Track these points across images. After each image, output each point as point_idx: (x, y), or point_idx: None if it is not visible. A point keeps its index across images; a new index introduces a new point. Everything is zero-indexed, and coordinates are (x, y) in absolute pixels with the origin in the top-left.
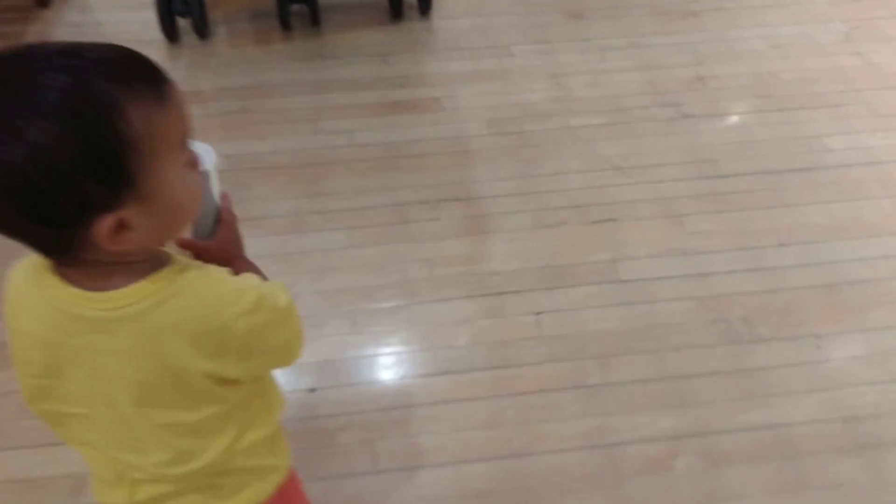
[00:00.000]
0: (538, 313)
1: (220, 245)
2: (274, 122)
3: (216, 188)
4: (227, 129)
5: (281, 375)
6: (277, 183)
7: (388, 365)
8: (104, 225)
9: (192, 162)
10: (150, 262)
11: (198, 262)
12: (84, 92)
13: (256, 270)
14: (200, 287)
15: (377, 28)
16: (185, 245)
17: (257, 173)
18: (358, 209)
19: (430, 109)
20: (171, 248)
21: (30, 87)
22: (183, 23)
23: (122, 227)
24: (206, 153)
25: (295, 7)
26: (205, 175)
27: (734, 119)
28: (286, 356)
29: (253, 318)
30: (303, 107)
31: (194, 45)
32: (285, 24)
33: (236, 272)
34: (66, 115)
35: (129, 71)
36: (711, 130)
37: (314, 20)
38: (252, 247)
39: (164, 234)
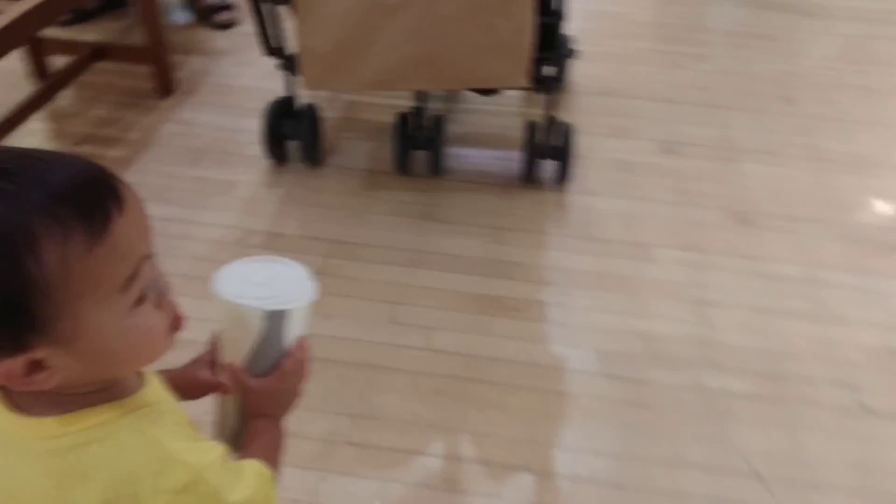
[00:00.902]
0: None
1: (261, 391)
2: (350, 295)
3: (295, 329)
4: None
5: None
6: (324, 384)
7: None
8: (10, 366)
9: (144, 300)
10: (93, 394)
11: (151, 411)
12: (4, 225)
13: (270, 449)
14: (129, 441)
15: (502, 191)
16: (229, 370)
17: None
18: (402, 452)
19: (532, 318)
20: (148, 373)
21: None
22: (295, 143)
23: (35, 367)
24: (300, 284)
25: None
26: (274, 316)
27: None
28: None
29: (175, 501)
30: (388, 281)
31: (300, 171)
32: (402, 169)
33: (250, 437)
34: None
35: (67, 201)
36: None
37: (434, 170)
38: None
39: (101, 372)
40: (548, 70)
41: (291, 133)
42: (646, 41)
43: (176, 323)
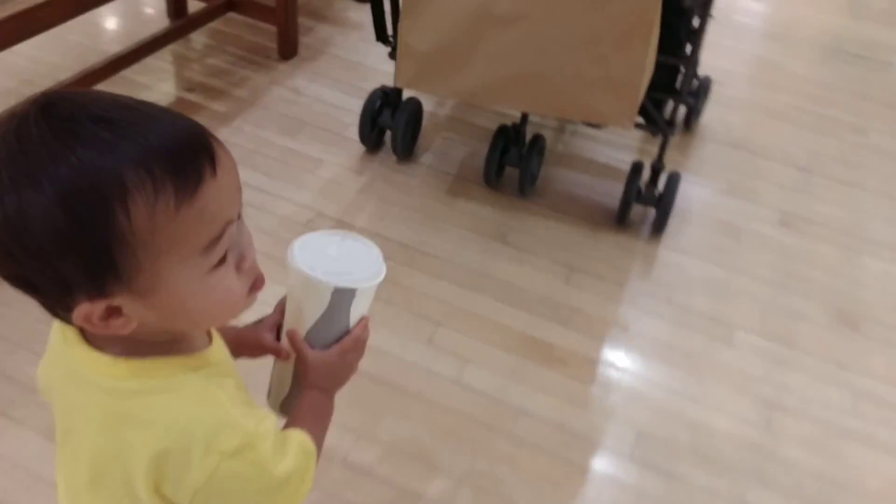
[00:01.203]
0: None
1: (319, 363)
2: (396, 303)
3: (360, 308)
4: None
5: None
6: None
7: None
8: (90, 310)
9: (225, 261)
10: (165, 344)
11: (215, 371)
12: (94, 171)
13: (318, 423)
14: (192, 398)
15: (589, 228)
16: (291, 337)
17: None
18: (395, 488)
19: (578, 376)
20: (221, 331)
21: (41, 154)
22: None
23: (113, 313)
24: (372, 264)
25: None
26: (343, 293)
27: None
28: None
29: (224, 463)
30: (439, 298)
31: (386, 161)
32: (490, 182)
33: (300, 407)
34: (62, 192)
35: (163, 158)
36: None
37: (524, 189)
38: None
39: (176, 325)
40: (664, 110)
41: (389, 122)
42: (796, 97)
43: (257, 284)
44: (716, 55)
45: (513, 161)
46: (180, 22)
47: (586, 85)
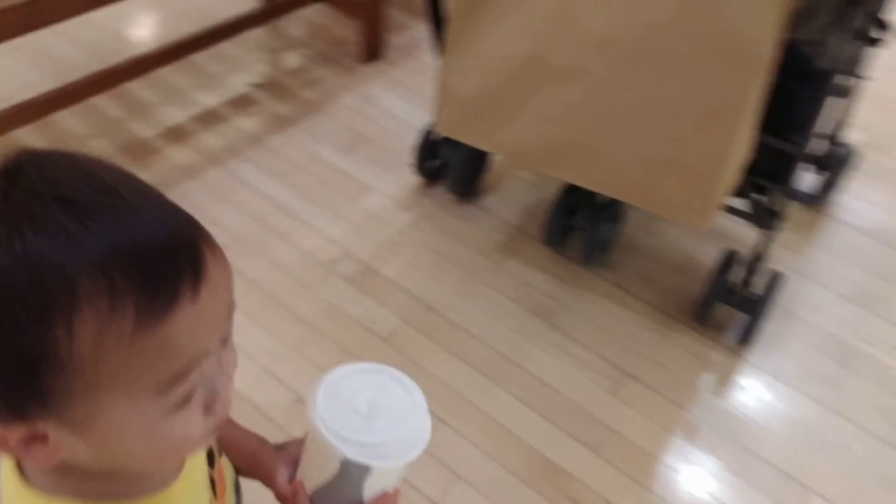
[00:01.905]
0: None
1: None
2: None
3: (382, 482)
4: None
5: None
6: None
7: None
8: (3, 434)
9: (189, 401)
10: (107, 482)
11: None
12: (39, 266)
13: None
14: None
15: (659, 321)
16: (296, 490)
17: None
18: None
19: None
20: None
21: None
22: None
23: (35, 440)
24: (411, 429)
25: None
26: (356, 467)
27: None
28: None
29: None
30: (452, 384)
31: (442, 199)
32: (552, 242)
33: None
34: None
35: (132, 266)
36: None
37: (588, 259)
38: None
39: (111, 465)
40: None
41: (446, 157)
42: None
43: (216, 430)
44: (878, 111)
45: (581, 223)
46: (266, 7)
47: (652, 168)
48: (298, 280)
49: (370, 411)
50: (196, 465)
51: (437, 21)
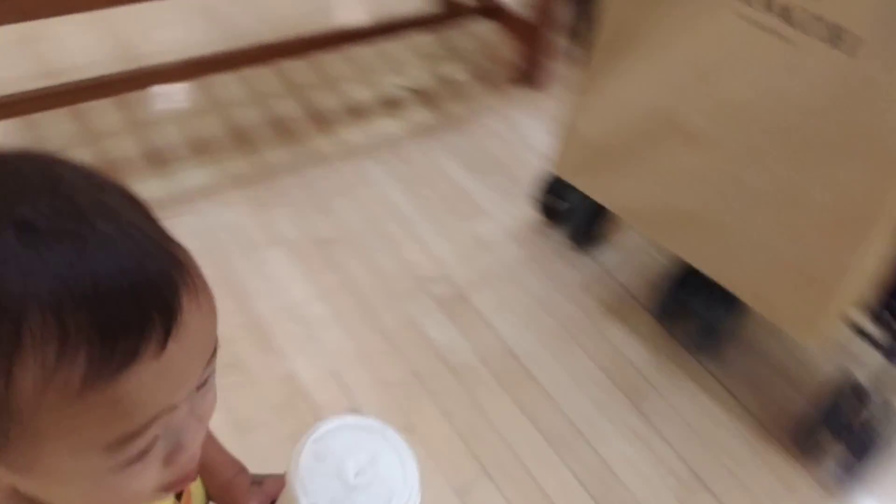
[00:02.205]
0: None
1: None
2: (457, 422)
3: None
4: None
5: None
6: None
7: None
8: None
9: (146, 455)
10: None
11: None
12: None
13: None
14: None
15: (754, 432)
16: None
17: None
18: None
19: None
20: None
21: None
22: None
23: None
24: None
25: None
26: None
27: None
28: None
29: None
30: (510, 442)
31: (557, 242)
32: (660, 314)
33: None
34: None
35: (89, 307)
36: None
37: (696, 343)
38: None
39: None
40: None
41: (569, 198)
42: None
43: (181, 483)
44: None
45: (698, 304)
46: (435, 13)
47: (767, 259)
48: (390, 289)
49: (356, 481)
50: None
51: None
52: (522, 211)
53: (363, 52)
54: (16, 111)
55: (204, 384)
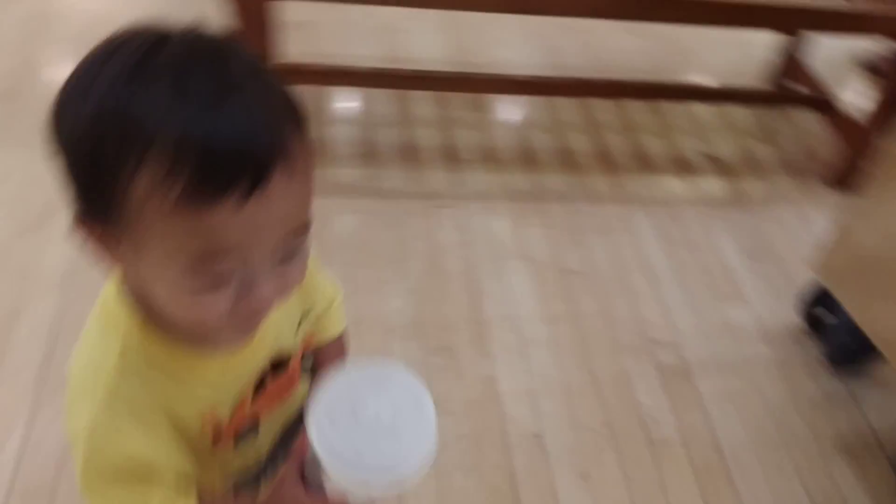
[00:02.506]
0: None
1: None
2: None
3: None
4: None
5: None
6: None
7: None
8: (83, 228)
9: (220, 287)
10: (174, 325)
11: (126, 338)
12: (132, 116)
13: None
14: (79, 353)
15: None
16: (298, 449)
17: None
18: None
19: None
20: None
21: (119, 74)
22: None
23: (109, 242)
24: (413, 452)
25: None
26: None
27: None
28: None
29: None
30: None
31: (811, 357)
32: None
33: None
34: (98, 112)
35: (196, 150)
36: None
37: None
38: None
39: (147, 298)
40: None
41: (834, 311)
42: None
43: (245, 321)
44: None
45: None
46: (763, 90)
47: None
48: (615, 337)
49: (376, 426)
50: (249, 364)
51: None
52: (784, 311)
53: (670, 108)
54: (355, 81)
55: (292, 256)
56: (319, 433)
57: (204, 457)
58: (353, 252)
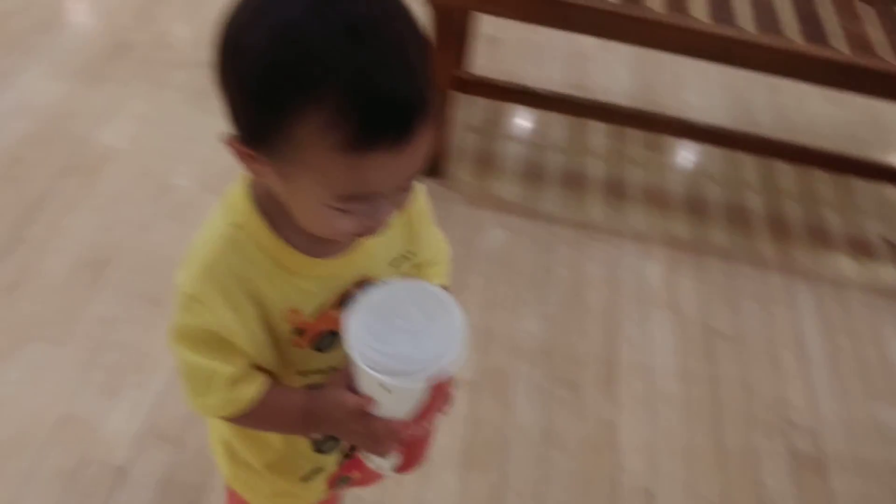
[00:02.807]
0: None
1: (328, 397)
2: None
3: (413, 402)
4: None
5: None
6: None
7: None
8: (238, 146)
9: (351, 213)
10: (293, 225)
11: (253, 226)
12: (318, 61)
13: (275, 413)
14: (202, 232)
15: None
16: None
17: None
18: None
19: None
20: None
21: (297, 8)
22: None
23: (261, 164)
24: (448, 341)
25: None
26: (384, 383)
27: None
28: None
29: (177, 299)
30: None
31: None
32: None
33: (287, 395)
34: (276, 36)
35: (364, 98)
36: None
37: None
38: None
39: (288, 209)
40: None
41: None
42: None
43: (365, 232)
44: None
45: None
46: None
47: None
48: (751, 412)
49: (409, 332)
50: (338, 277)
51: None
52: None
53: (858, 185)
54: (535, 103)
55: (406, 189)
56: (354, 336)
57: (284, 348)
58: (496, 266)
